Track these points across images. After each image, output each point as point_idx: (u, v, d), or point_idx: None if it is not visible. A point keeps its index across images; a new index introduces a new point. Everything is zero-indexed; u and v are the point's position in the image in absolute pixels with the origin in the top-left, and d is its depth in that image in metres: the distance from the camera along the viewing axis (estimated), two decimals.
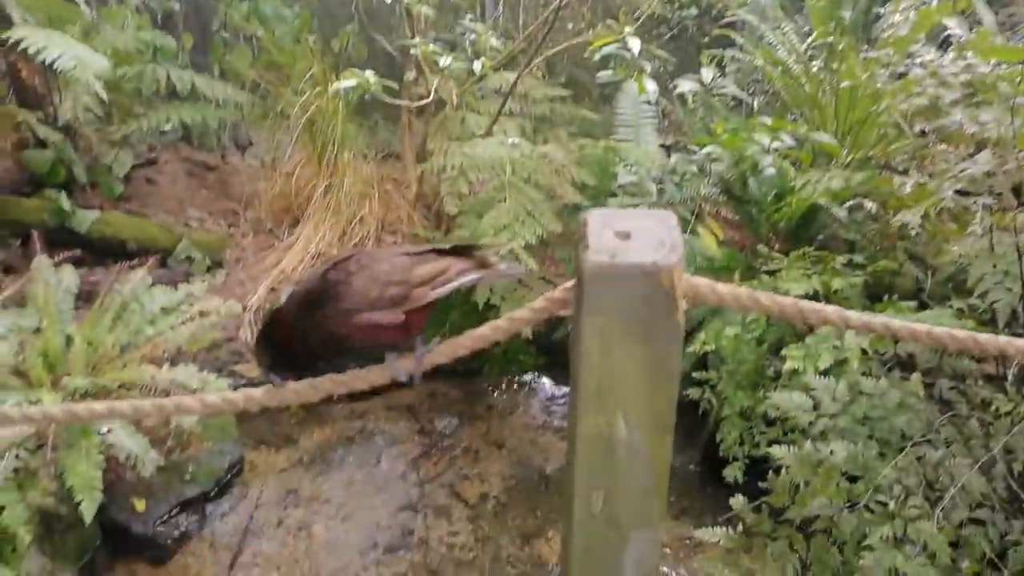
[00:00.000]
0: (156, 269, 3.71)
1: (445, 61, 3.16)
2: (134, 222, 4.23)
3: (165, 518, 3.06)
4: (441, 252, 1.32)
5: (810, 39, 3.87)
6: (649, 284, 0.97)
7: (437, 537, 3.14)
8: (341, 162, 4.30)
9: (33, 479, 2.68)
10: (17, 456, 2.56)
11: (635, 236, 1.00)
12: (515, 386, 4.19)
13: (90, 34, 3.86)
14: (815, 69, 3.70)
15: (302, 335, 1.25)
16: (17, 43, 3.15)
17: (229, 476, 3.31)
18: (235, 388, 3.28)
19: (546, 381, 4.21)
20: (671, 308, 0.98)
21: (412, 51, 3.41)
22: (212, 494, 3.22)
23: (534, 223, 3.36)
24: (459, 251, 1.33)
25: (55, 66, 3.21)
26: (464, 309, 3.85)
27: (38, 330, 2.91)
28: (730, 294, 1.15)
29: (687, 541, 3.08)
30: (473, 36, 3.30)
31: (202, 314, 3.14)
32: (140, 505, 3.01)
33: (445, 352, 1.26)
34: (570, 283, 1.17)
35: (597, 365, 1.03)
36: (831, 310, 1.21)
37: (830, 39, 3.38)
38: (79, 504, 2.57)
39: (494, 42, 3.25)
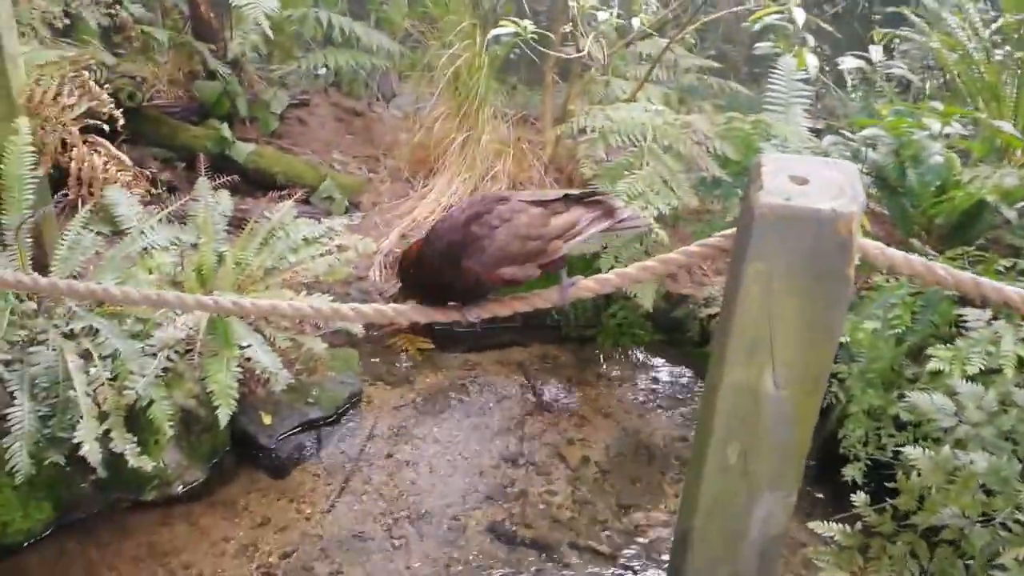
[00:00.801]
0: (300, 204, 3.92)
1: (603, 16, 3.12)
2: (285, 158, 4.48)
3: (287, 435, 3.26)
4: (570, 199, 1.41)
5: (996, 24, 3.55)
6: (824, 232, 0.93)
7: (536, 492, 3.18)
8: (480, 118, 4.36)
9: (179, 380, 2.92)
10: (168, 357, 2.79)
11: (813, 182, 0.96)
12: (627, 359, 4.15)
13: None
14: (998, 56, 3.39)
15: (446, 280, 1.36)
16: None
17: (347, 405, 3.47)
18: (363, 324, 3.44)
19: (659, 359, 4.15)
20: (845, 260, 0.94)
21: (570, 2, 3.38)
22: (331, 420, 3.40)
23: (669, 193, 3.29)
24: (586, 199, 1.41)
25: (231, 1, 3.41)
26: (585, 274, 3.84)
27: (194, 246, 3.15)
28: (902, 258, 1.09)
29: (791, 538, 2.97)
30: None
31: (340, 248, 3.29)
32: (267, 419, 3.22)
33: (591, 287, 1.27)
34: (729, 230, 1.14)
35: (754, 314, 1.00)
36: (1013, 291, 1.12)
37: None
38: (216, 409, 2.76)
39: (653, 1, 3.18)
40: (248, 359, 2.90)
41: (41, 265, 2.84)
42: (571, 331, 4.19)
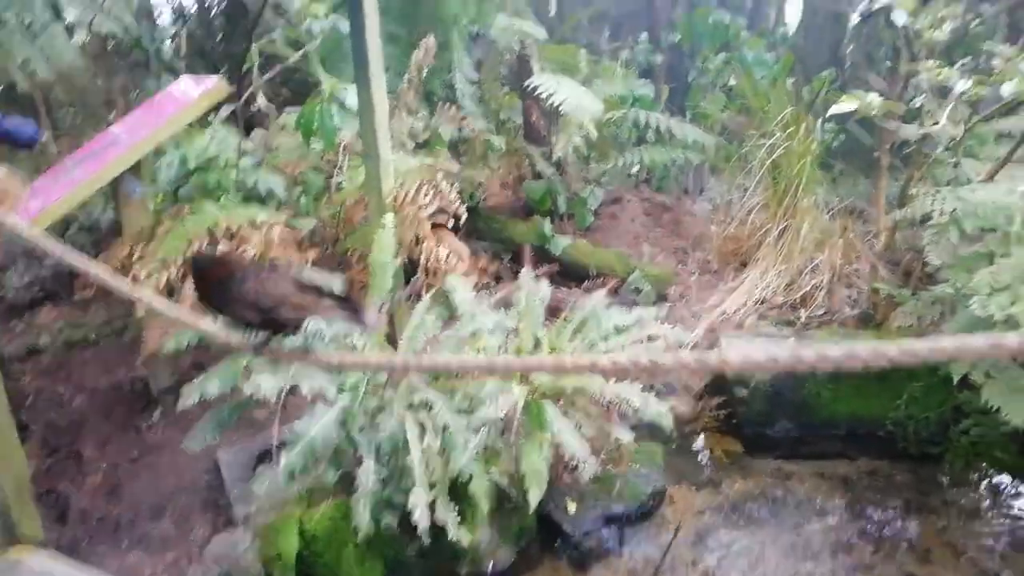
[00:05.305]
0: (610, 294, 4.00)
1: (962, 86, 2.76)
2: (597, 250, 4.66)
3: (590, 528, 3.21)
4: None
5: None
6: None
7: None
8: (799, 208, 4.12)
9: (496, 458, 3.05)
10: (488, 434, 2.93)
11: None
12: (985, 485, 3.47)
13: (587, 83, 4.39)
14: None
15: None
16: (535, 87, 3.72)
17: (651, 503, 3.34)
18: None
19: None
20: None
21: (923, 75, 3.03)
22: (634, 516, 3.28)
23: None
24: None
25: (560, 108, 3.70)
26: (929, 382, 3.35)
27: (515, 330, 3.34)
28: None
29: None
30: (996, 61, 2.82)
31: (650, 338, 3.25)
32: (572, 507, 3.21)
33: None
34: None
35: None
36: None
37: None
38: (527, 491, 2.81)
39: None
40: (559, 444, 2.94)
41: (392, 341, 3.22)
42: (909, 446, 3.63)
